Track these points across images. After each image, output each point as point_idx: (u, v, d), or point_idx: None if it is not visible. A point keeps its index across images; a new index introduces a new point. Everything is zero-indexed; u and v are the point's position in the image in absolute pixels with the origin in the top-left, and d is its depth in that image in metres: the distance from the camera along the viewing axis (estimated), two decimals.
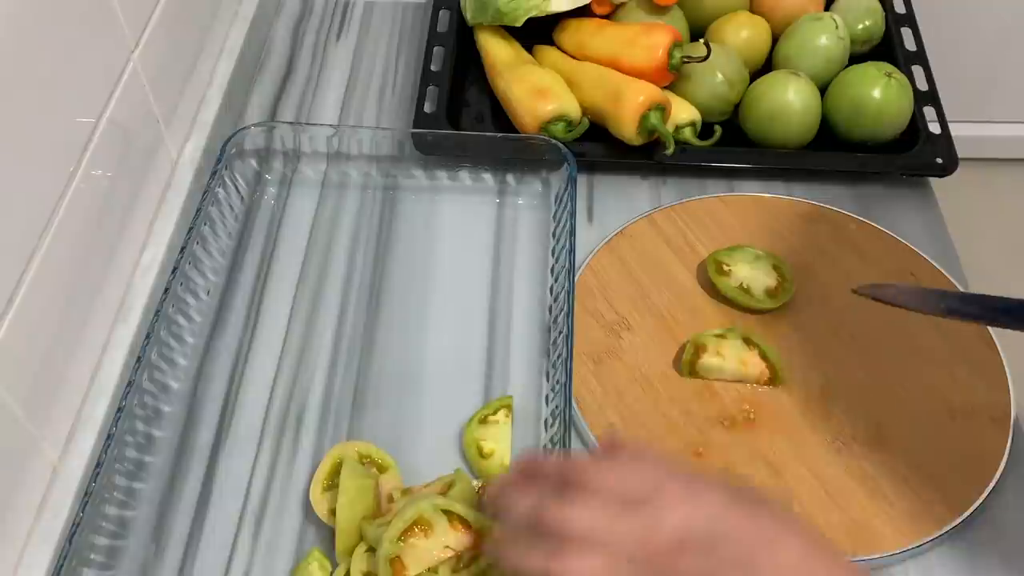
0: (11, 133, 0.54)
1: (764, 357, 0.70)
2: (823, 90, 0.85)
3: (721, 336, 0.71)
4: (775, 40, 0.90)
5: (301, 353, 0.73)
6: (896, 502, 0.64)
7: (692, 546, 0.45)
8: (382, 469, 0.65)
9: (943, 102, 0.87)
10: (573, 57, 0.88)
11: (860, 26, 0.90)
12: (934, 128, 0.85)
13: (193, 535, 0.64)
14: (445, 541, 0.57)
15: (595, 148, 0.83)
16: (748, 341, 0.71)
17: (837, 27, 0.86)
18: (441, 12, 0.94)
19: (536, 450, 0.59)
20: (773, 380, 0.70)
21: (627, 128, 0.79)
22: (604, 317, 0.74)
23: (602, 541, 0.46)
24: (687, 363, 0.70)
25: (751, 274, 0.75)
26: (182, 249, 0.71)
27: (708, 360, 0.70)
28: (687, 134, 0.82)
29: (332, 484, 0.63)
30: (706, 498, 0.47)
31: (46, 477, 0.61)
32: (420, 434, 0.68)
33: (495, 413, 0.68)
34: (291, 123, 0.88)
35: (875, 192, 0.84)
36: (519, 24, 0.87)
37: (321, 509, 0.63)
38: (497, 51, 0.89)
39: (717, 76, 0.84)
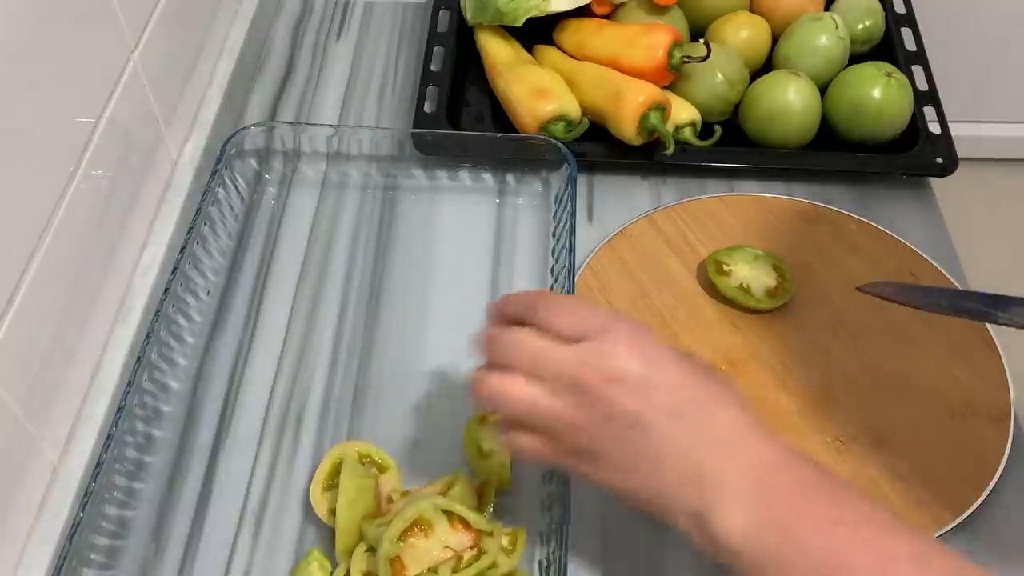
0: (11, 133, 0.54)
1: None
2: (823, 90, 0.85)
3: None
4: (775, 40, 0.91)
5: (301, 353, 0.73)
6: (896, 502, 0.64)
7: (629, 383, 0.49)
8: (382, 469, 0.65)
9: (943, 102, 0.87)
10: (573, 57, 0.88)
11: (860, 26, 0.90)
12: (934, 128, 0.85)
13: (193, 535, 0.64)
14: (445, 541, 0.57)
15: (595, 148, 0.83)
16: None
17: (837, 27, 0.86)
18: (441, 12, 0.94)
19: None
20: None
21: (627, 128, 0.79)
22: None
23: (544, 364, 0.51)
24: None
25: (751, 274, 0.75)
26: (182, 249, 0.71)
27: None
28: (687, 134, 0.82)
29: (332, 484, 0.63)
30: (653, 349, 0.51)
31: (46, 477, 0.61)
32: (420, 434, 0.68)
33: (495, 413, 0.68)
34: (291, 123, 0.88)
35: (875, 192, 0.84)
36: (519, 24, 0.87)
37: (321, 509, 0.63)
38: (497, 51, 0.89)
39: (717, 76, 0.84)
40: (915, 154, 0.83)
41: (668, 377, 0.50)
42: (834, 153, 0.84)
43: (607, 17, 0.90)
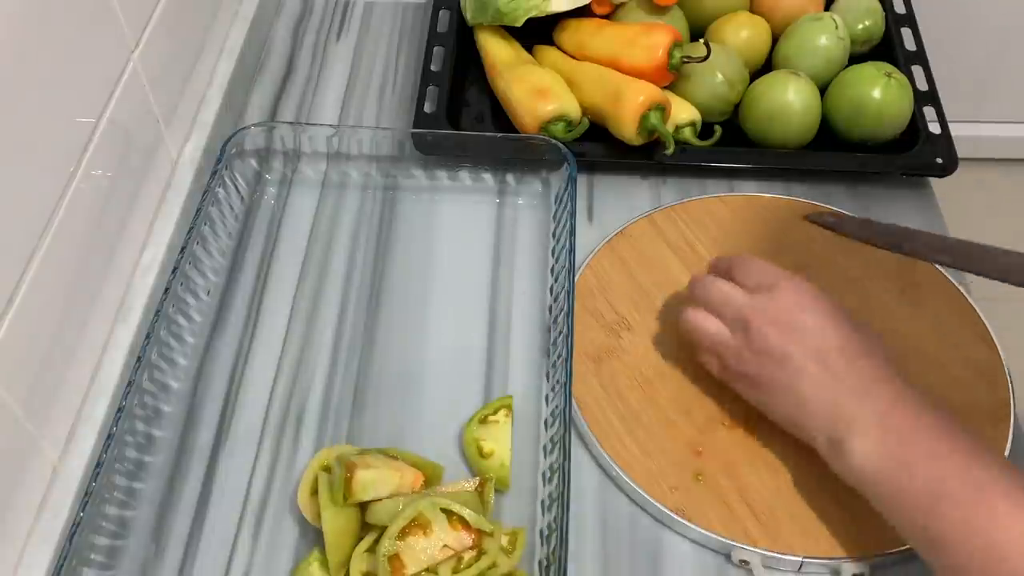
0: (11, 133, 0.54)
1: None
2: (823, 90, 0.85)
3: None
4: (775, 40, 0.91)
5: (301, 353, 0.73)
6: None
7: (784, 327, 0.61)
8: None
9: (943, 102, 0.86)
10: (573, 57, 0.88)
11: (860, 26, 0.90)
12: (934, 128, 0.85)
13: (193, 535, 0.64)
14: (444, 540, 0.57)
15: (595, 148, 0.83)
16: None
17: (837, 27, 0.86)
18: (441, 12, 0.94)
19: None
20: None
21: (627, 128, 0.79)
22: (604, 317, 0.74)
23: (726, 304, 0.64)
24: None
25: None
26: (182, 249, 0.71)
27: None
28: (687, 134, 0.82)
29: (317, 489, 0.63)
30: (813, 302, 0.62)
31: (46, 477, 0.61)
32: (420, 434, 0.68)
33: (495, 413, 0.68)
34: (291, 123, 0.88)
35: (875, 192, 0.84)
36: (519, 24, 0.87)
37: (310, 513, 0.62)
38: (497, 51, 0.89)
39: (717, 76, 0.84)
40: (915, 154, 0.83)
41: (819, 326, 0.60)
42: (834, 153, 0.84)
43: (607, 17, 0.90)
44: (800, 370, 0.60)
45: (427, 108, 0.85)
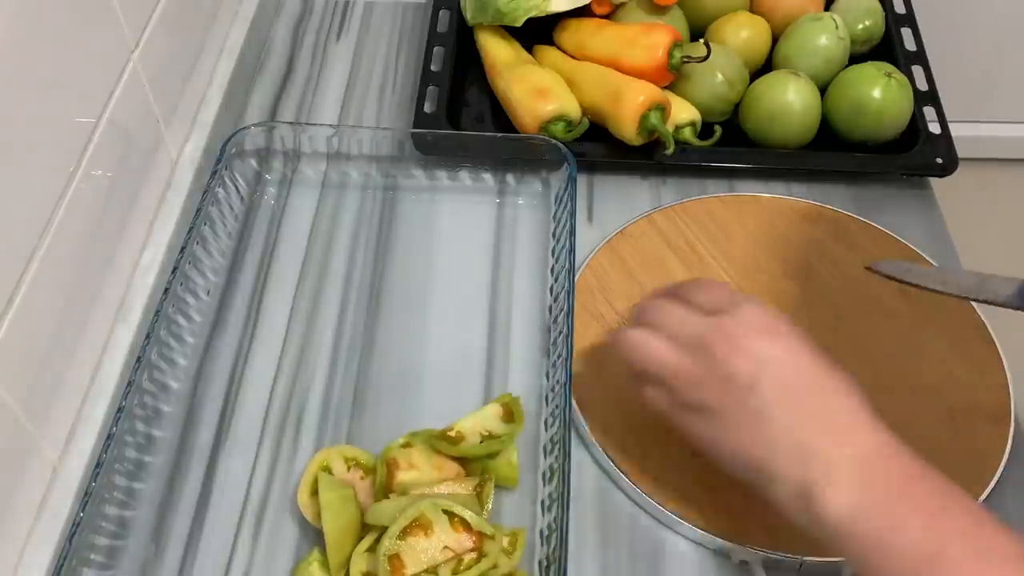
0: (11, 133, 0.54)
1: None
2: (823, 90, 0.85)
3: None
4: (775, 40, 0.91)
5: (301, 353, 0.73)
6: None
7: (751, 351, 0.53)
8: (368, 471, 0.64)
9: (943, 102, 0.87)
10: (573, 57, 0.88)
11: (860, 26, 0.90)
12: (934, 128, 0.85)
13: (193, 535, 0.64)
14: (445, 541, 0.57)
15: (595, 148, 0.83)
16: None
17: (837, 27, 0.87)
18: (441, 12, 0.94)
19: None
20: None
21: (627, 128, 0.79)
22: (604, 317, 0.74)
23: (682, 326, 0.56)
24: None
25: None
26: (182, 249, 0.71)
27: None
28: (687, 134, 0.82)
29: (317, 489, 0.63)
30: (782, 328, 0.54)
31: (46, 477, 0.61)
32: None
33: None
34: (291, 123, 0.88)
35: (875, 192, 0.84)
36: (519, 24, 0.87)
37: (309, 513, 0.62)
38: (497, 51, 0.89)
39: (717, 76, 0.84)
40: (915, 154, 0.83)
41: (790, 358, 0.53)
42: (834, 153, 0.84)
43: (607, 17, 0.90)
44: (768, 403, 0.52)
45: (427, 108, 0.86)
